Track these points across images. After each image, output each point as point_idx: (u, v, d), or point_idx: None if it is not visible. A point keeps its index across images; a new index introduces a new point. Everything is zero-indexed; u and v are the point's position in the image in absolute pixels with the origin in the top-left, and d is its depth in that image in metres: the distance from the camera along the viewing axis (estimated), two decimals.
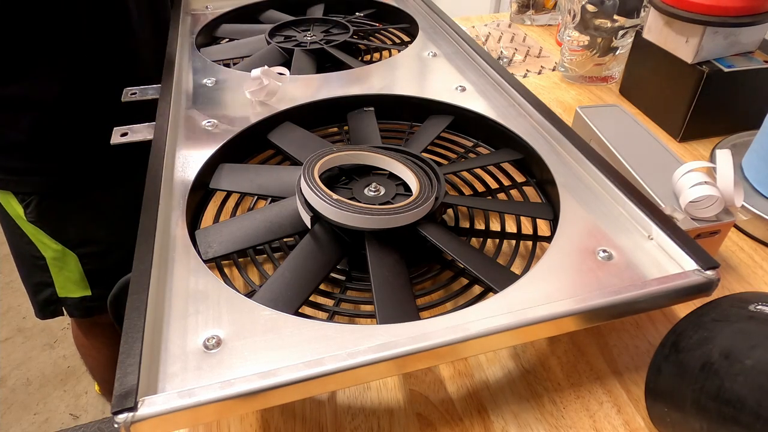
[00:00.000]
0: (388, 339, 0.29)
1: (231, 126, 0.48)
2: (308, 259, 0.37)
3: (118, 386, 0.25)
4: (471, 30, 0.93)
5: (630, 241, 0.36)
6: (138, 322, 0.28)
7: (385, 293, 0.34)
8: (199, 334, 0.30)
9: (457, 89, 0.54)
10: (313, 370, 0.27)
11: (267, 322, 0.31)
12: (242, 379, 0.26)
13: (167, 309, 0.31)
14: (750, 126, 0.58)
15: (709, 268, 0.31)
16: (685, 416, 0.28)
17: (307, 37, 0.67)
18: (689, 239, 0.34)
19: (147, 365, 0.28)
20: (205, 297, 0.32)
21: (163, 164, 0.41)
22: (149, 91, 0.54)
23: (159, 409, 0.25)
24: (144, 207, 0.37)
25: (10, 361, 1.39)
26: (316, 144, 0.48)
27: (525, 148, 0.46)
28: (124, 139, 0.47)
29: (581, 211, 0.39)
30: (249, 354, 0.29)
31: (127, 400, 0.25)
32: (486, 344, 0.29)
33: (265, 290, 0.34)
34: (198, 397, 0.25)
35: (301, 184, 0.38)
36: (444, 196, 0.40)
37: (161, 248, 0.35)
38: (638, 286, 0.31)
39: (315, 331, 0.30)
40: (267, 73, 0.51)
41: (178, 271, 0.34)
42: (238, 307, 0.31)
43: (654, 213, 0.36)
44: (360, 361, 0.27)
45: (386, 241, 0.37)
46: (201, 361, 0.28)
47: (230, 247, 0.38)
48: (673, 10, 0.58)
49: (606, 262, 0.34)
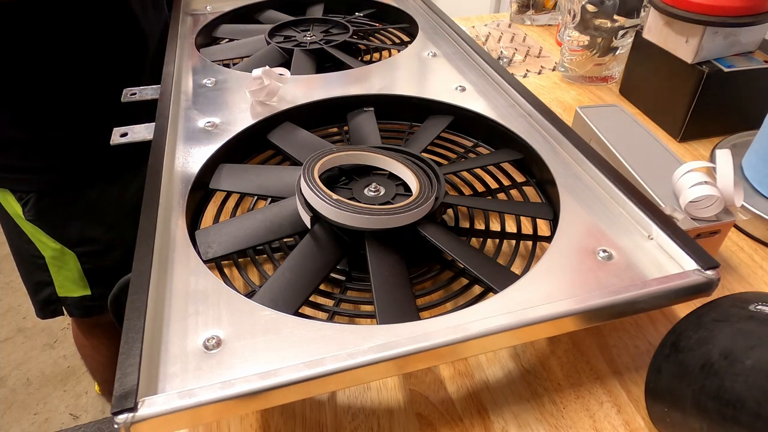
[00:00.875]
0: (388, 339, 0.29)
1: (231, 126, 0.48)
2: (308, 259, 0.37)
3: (118, 387, 0.25)
4: (471, 30, 0.93)
5: (630, 241, 0.36)
6: (138, 322, 0.28)
7: (385, 293, 0.34)
8: (199, 334, 0.30)
9: (456, 89, 0.54)
10: (313, 370, 0.27)
11: (267, 323, 0.31)
12: (242, 379, 0.26)
13: (167, 309, 0.31)
14: (750, 126, 0.58)
15: (709, 267, 0.31)
16: (685, 416, 0.28)
17: (307, 37, 0.67)
18: (689, 239, 0.34)
19: (147, 366, 0.28)
20: (205, 297, 0.32)
21: (162, 164, 0.41)
22: (148, 91, 0.54)
23: (159, 410, 0.25)
24: (144, 207, 0.37)
25: (10, 361, 1.39)
26: (315, 144, 0.48)
27: (525, 148, 0.46)
28: (124, 139, 0.47)
29: (581, 211, 0.39)
30: (249, 354, 0.29)
31: (127, 400, 0.25)
32: (486, 344, 0.29)
33: (265, 290, 0.34)
34: (198, 398, 0.25)
35: (301, 184, 0.38)
36: (444, 196, 0.40)
37: (161, 249, 0.35)
38: (638, 286, 0.31)
39: (315, 332, 0.30)
40: (268, 73, 0.51)
41: (178, 271, 0.34)
42: (238, 308, 0.31)
43: (654, 213, 0.36)
44: (360, 362, 0.27)
45: (386, 241, 0.37)
46: (201, 362, 0.28)
47: (230, 247, 0.38)
48: (673, 10, 0.58)
49: (606, 262, 0.34)
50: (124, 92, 0.55)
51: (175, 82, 0.54)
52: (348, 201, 0.37)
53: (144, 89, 0.55)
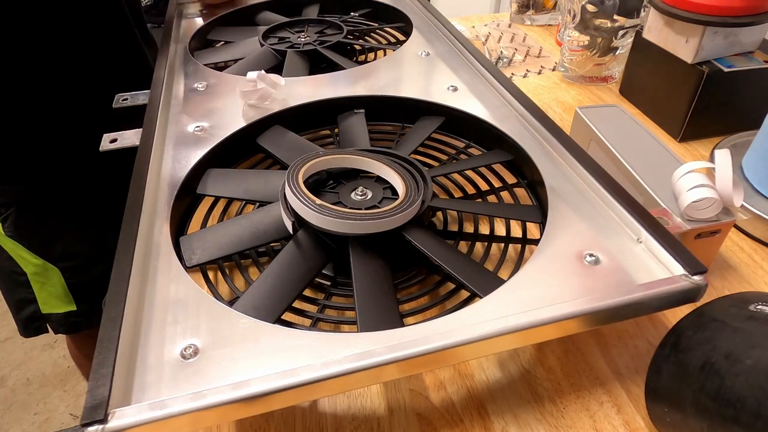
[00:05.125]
0: (366, 348, 0.28)
1: (220, 130, 0.48)
2: (291, 265, 0.36)
3: (89, 398, 0.25)
4: (471, 30, 0.92)
5: (618, 244, 0.35)
6: (113, 332, 0.28)
7: (367, 300, 0.34)
8: (177, 343, 0.30)
9: (449, 89, 0.53)
10: (286, 380, 0.26)
11: (245, 331, 0.30)
12: (214, 390, 0.26)
13: (146, 318, 0.31)
14: (750, 126, 0.57)
15: (696, 273, 0.30)
16: (685, 416, 0.28)
17: (301, 38, 0.66)
18: (678, 243, 0.33)
19: (122, 376, 0.27)
20: (185, 305, 0.32)
21: (147, 170, 0.41)
22: (140, 96, 0.54)
23: (129, 421, 0.25)
24: (126, 213, 0.36)
25: (10, 361, 1.40)
26: (305, 147, 0.48)
27: (516, 149, 0.46)
28: (113, 145, 0.47)
29: (570, 214, 0.38)
30: (227, 363, 0.29)
31: (97, 411, 0.24)
32: (464, 354, 0.29)
33: (247, 298, 0.34)
34: (169, 409, 0.25)
35: (285, 189, 0.38)
36: (431, 200, 0.40)
37: (143, 255, 0.35)
38: (623, 292, 0.30)
39: (293, 340, 0.30)
40: (263, 77, 0.51)
41: (159, 278, 0.34)
42: (217, 316, 0.31)
43: (643, 216, 0.35)
44: (335, 372, 0.27)
45: (370, 246, 0.37)
46: (177, 371, 0.28)
47: (214, 253, 0.38)
48: (673, 10, 0.57)
49: (593, 266, 0.34)
50: (116, 98, 0.55)
51: (165, 86, 0.53)
52: (331, 206, 0.36)
53: (136, 94, 0.55)
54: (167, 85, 0.54)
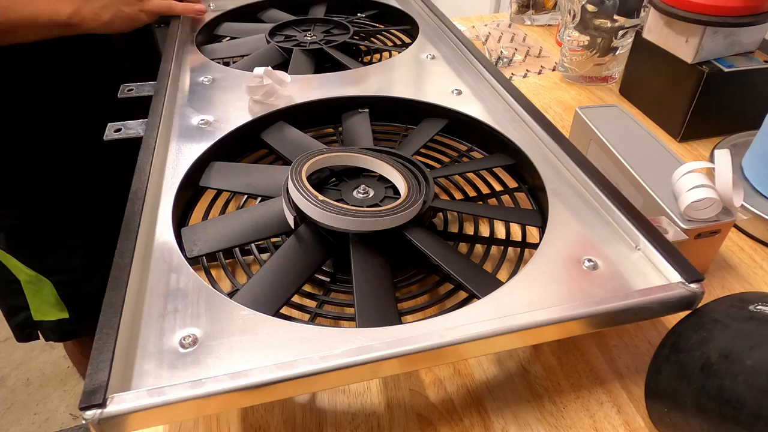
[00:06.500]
0: (364, 343, 0.28)
1: (225, 124, 0.48)
2: (291, 259, 0.37)
3: (88, 382, 0.25)
4: (471, 30, 0.93)
5: (617, 251, 0.35)
6: (113, 318, 0.28)
7: (366, 297, 0.34)
8: (176, 332, 0.30)
9: (453, 92, 0.54)
10: (284, 372, 0.26)
11: (244, 323, 0.30)
12: (212, 379, 0.26)
13: (146, 306, 0.31)
14: (750, 126, 0.57)
15: (693, 281, 0.31)
16: (685, 416, 0.29)
17: (307, 37, 0.67)
18: (676, 251, 0.33)
19: (121, 362, 0.28)
20: (185, 295, 0.32)
21: (151, 161, 0.41)
22: (145, 87, 0.54)
23: (128, 407, 0.25)
24: (129, 203, 0.36)
25: (10, 361, 1.39)
26: (308, 144, 0.48)
27: (517, 154, 0.46)
28: (118, 135, 0.47)
29: (570, 219, 0.38)
30: (225, 354, 0.29)
31: (96, 396, 0.25)
32: (460, 352, 0.29)
33: (246, 290, 0.34)
34: (168, 396, 0.25)
35: (288, 184, 0.38)
36: (433, 200, 0.40)
37: (144, 245, 0.35)
38: (620, 297, 0.30)
39: (292, 333, 0.30)
40: (269, 74, 0.51)
41: (160, 268, 0.34)
42: (217, 307, 0.31)
43: (642, 223, 0.35)
44: (332, 365, 0.27)
45: (371, 243, 0.37)
46: (176, 360, 0.28)
47: (215, 245, 0.38)
48: (673, 10, 0.57)
49: (591, 271, 0.34)
50: (121, 87, 0.55)
51: (171, 79, 0.54)
52: (333, 202, 0.36)
53: (141, 85, 0.55)
54: (173, 77, 0.54)
